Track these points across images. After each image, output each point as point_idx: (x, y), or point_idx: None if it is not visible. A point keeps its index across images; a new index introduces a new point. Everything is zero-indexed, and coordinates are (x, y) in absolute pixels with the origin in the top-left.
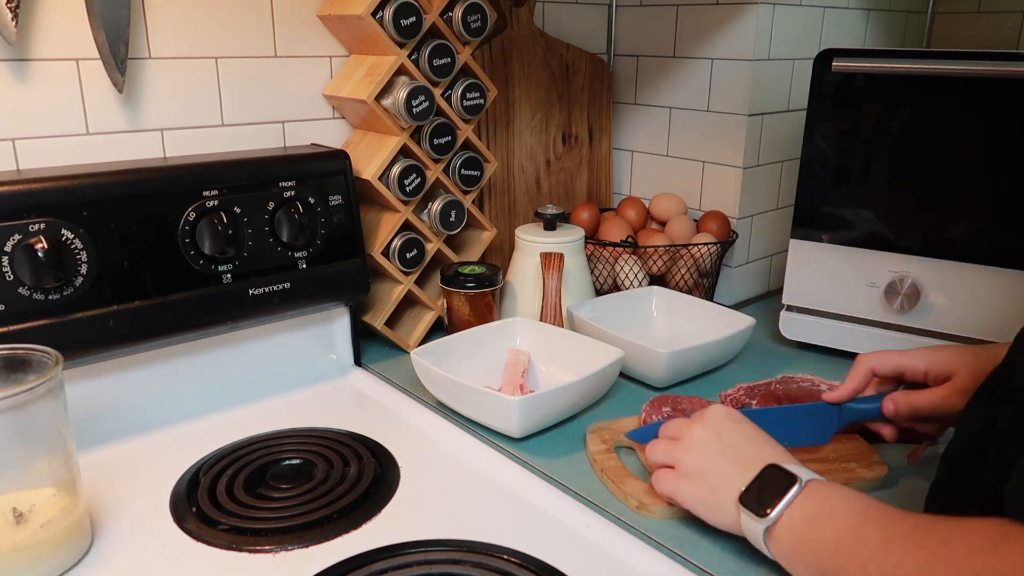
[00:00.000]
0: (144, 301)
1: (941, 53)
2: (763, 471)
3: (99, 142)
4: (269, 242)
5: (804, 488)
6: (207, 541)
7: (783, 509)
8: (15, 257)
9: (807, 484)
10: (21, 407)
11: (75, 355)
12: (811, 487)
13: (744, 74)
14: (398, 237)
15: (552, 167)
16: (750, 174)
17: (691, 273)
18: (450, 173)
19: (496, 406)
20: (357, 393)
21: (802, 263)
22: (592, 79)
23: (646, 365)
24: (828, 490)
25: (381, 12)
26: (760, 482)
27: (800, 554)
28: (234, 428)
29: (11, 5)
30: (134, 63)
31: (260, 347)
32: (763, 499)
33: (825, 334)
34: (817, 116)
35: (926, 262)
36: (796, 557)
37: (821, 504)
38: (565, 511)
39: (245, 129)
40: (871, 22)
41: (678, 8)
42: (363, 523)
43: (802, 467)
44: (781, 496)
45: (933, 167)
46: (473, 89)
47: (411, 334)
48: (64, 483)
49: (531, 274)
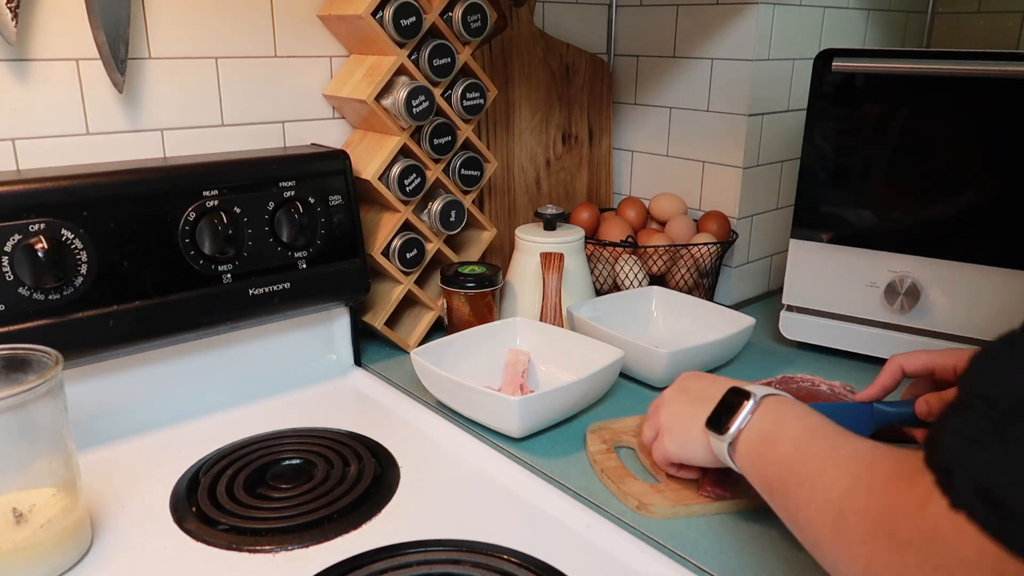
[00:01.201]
0: (144, 301)
1: (941, 53)
2: (724, 395)
3: (99, 142)
4: (269, 242)
5: (760, 404)
6: (207, 541)
7: (741, 424)
8: (15, 257)
9: (763, 400)
10: (21, 407)
11: (75, 355)
12: (767, 403)
13: (744, 74)
14: (398, 237)
15: (552, 167)
16: (750, 174)
17: (691, 273)
18: (450, 173)
19: (496, 406)
20: (357, 393)
21: (802, 263)
22: (592, 79)
23: (646, 365)
24: (784, 408)
25: (381, 12)
26: (721, 405)
27: (756, 469)
28: (234, 428)
29: (11, 5)
30: (134, 63)
31: (260, 347)
32: (723, 419)
33: (825, 334)
34: (817, 116)
35: (926, 262)
36: (753, 472)
37: (775, 422)
38: (565, 511)
39: (245, 129)
40: (871, 22)
41: (678, 8)
42: (363, 523)
43: (764, 387)
44: (738, 413)
45: (933, 167)
46: (473, 89)
47: (411, 334)
48: (64, 483)
49: (531, 274)
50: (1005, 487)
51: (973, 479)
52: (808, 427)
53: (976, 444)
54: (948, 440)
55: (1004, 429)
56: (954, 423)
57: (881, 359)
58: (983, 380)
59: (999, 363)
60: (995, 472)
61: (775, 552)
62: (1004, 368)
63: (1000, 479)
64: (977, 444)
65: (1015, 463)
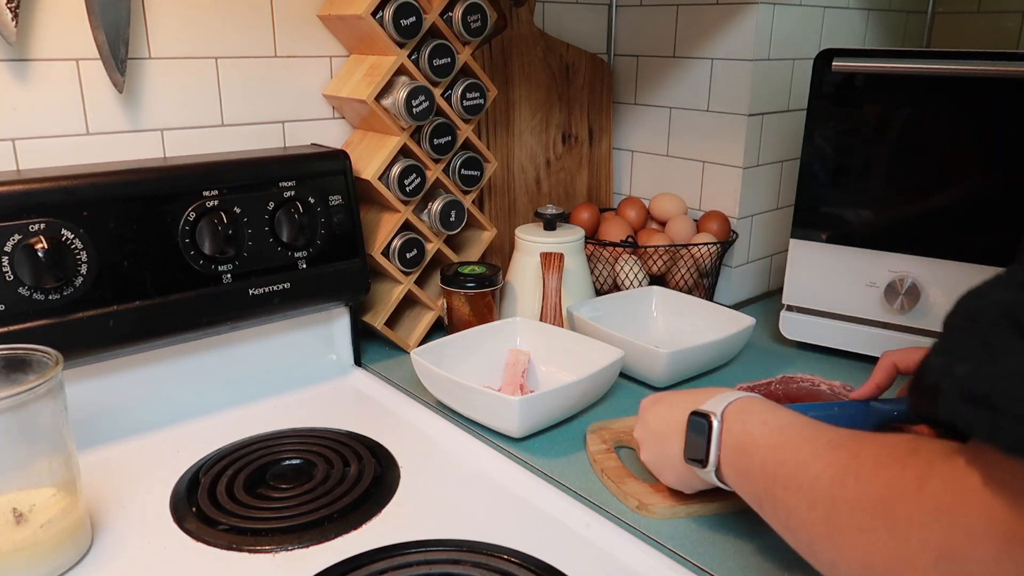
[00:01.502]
0: (144, 301)
1: (941, 53)
2: (688, 424)
3: (99, 142)
4: (269, 242)
5: (724, 420)
6: (207, 541)
7: (717, 450)
8: (15, 257)
9: (724, 414)
10: (21, 407)
11: (75, 355)
12: (730, 418)
13: (744, 74)
14: (398, 237)
15: (552, 167)
16: (750, 174)
17: (691, 273)
18: (450, 173)
19: (496, 406)
20: (357, 393)
21: (802, 263)
22: (592, 79)
23: (646, 365)
24: (747, 417)
25: (381, 12)
26: (690, 434)
27: (740, 484)
28: (234, 428)
29: (11, 5)
30: (134, 63)
31: (260, 347)
32: (697, 448)
33: (825, 334)
34: (817, 116)
35: (926, 262)
36: (739, 487)
37: (743, 434)
38: (565, 511)
39: (245, 129)
40: (871, 22)
41: (678, 8)
42: (363, 523)
43: (720, 397)
44: (708, 439)
45: (933, 167)
46: (473, 89)
47: (411, 334)
48: (64, 483)
49: (531, 274)
50: (993, 387)
51: (959, 386)
52: (776, 428)
53: (960, 354)
54: (933, 361)
55: (988, 341)
56: (939, 346)
57: None
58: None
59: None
60: (982, 376)
61: (775, 552)
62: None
63: (987, 381)
64: (961, 354)
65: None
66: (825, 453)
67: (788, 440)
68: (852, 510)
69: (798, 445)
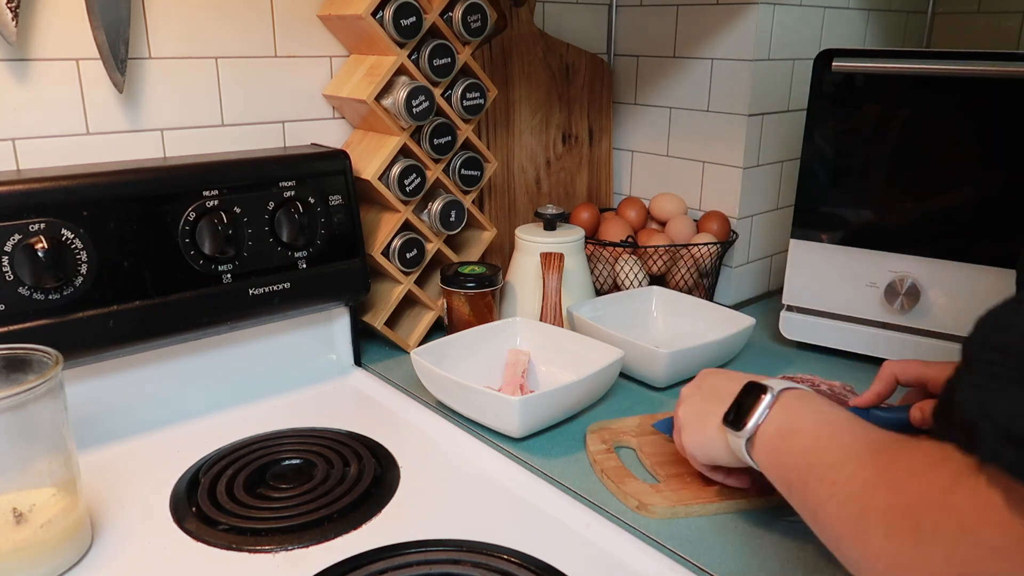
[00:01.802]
0: (144, 301)
1: (941, 53)
2: (741, 391)
3: (99, 142)
4: (269, 242)
5: (778, 398)
6: (207, 541)
7: (759, 420)
8: (15, 257)
9: (780, 394)
10: (21, 407)
11: (75, 355)
12: (785, 398)
13: (744, 74)
14: (398, 237)
15: (552, 167)
16: (750, 174)
17: (691, 273)
18: (450, 173)
19: (496, 406)
20: (357, 393)
21: (802, 263)
22: (592, 79)
23: (646, 365)
24: (801, 402)
25: (381, 12)
26: (739, 401)
27: (774, 465)
28: (234, 428)
29: (11, 5)
30: (134, 63)
31: (260, 347)
32: (740, 415)
33: (825, 334)
34: (817, 116)
35: (926, 262)
36: (772, 469)
37: (793, 416)
38: (565, 511)
39: (245, 129)
40: (871, 22)
41: (678, 8)
42: (363, 523)
43: (782, 381)
44: (755, 408)
45: (933, 167)
46: (473, 89)
47: (411, 334)
48: (64, 483)
49: (531, 274)
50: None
51: (999, 427)
52: (826, 420)
53: (997, 393)
54: (965, 396)
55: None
56: (968, 379)
57: (881, 359)
58: (994, 334)
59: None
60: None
61: (775, 552)
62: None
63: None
64: (999, 393)
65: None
66: (865, 454)
67: (834, 433)
68: (881, 516)
69: (841, 440)
